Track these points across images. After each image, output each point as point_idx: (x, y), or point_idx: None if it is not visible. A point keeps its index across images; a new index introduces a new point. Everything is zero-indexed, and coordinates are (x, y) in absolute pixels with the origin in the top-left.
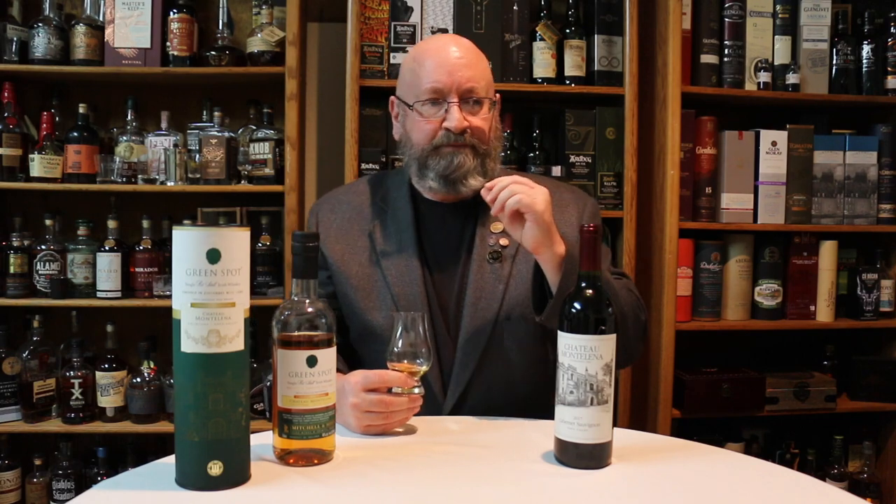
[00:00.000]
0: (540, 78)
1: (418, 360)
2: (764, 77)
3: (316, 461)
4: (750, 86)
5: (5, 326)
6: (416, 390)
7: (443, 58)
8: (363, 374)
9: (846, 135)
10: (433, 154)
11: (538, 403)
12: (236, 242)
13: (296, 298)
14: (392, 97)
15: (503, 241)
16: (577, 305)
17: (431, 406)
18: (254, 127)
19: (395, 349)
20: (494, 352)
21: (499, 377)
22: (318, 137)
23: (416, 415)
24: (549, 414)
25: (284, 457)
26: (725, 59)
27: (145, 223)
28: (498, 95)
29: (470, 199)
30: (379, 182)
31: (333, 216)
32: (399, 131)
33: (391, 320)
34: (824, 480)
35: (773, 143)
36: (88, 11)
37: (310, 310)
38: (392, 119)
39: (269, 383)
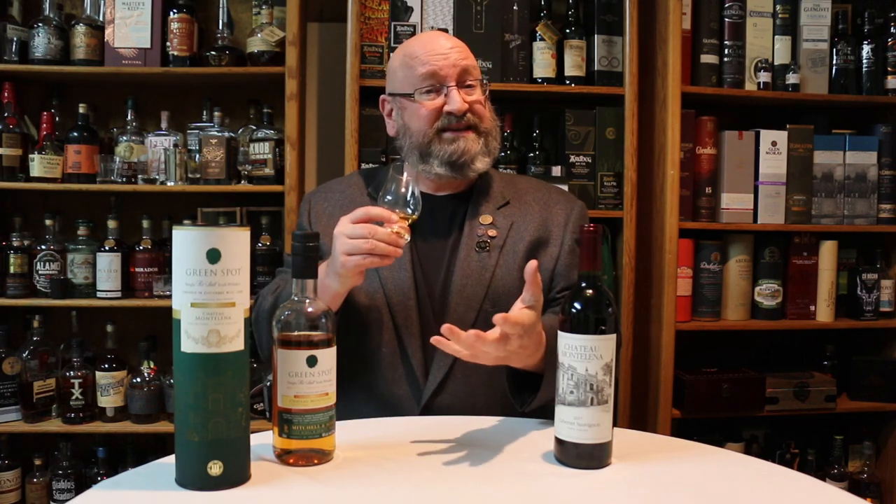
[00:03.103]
0: (540, 78)
1: (409, 209)
2: (764, 77)
3: (316, 461)
4: (750, 86)
5: (5, 326)
6: (401, 230)
7: (434, 46)
8: (349, 214)
9: (846, 135)
10: (436, 140)
11: None
12: (236, 242)
13: (296, 298)
14: (382, 96)
15: (491, 233)
16: (577, 305)
17: (413, 390)
18: (254, 127)
19: (387, 198)
20: None
21: (480, 365)
22: (318, 137)
23: (407, 414)
24: None
25: (284, 457)
26: (725, 59)
27: (145, 223)
28: (487, 82)
29: (460, 192)
30: (372, 175)
31: (326, 204)
32: (395, 126)
33: (375, 304)
34: (824, 480)
35: (773, 143)
36: (88, 11)
37: (310, 310)
38: (385, 118)
39: (269, 383)
